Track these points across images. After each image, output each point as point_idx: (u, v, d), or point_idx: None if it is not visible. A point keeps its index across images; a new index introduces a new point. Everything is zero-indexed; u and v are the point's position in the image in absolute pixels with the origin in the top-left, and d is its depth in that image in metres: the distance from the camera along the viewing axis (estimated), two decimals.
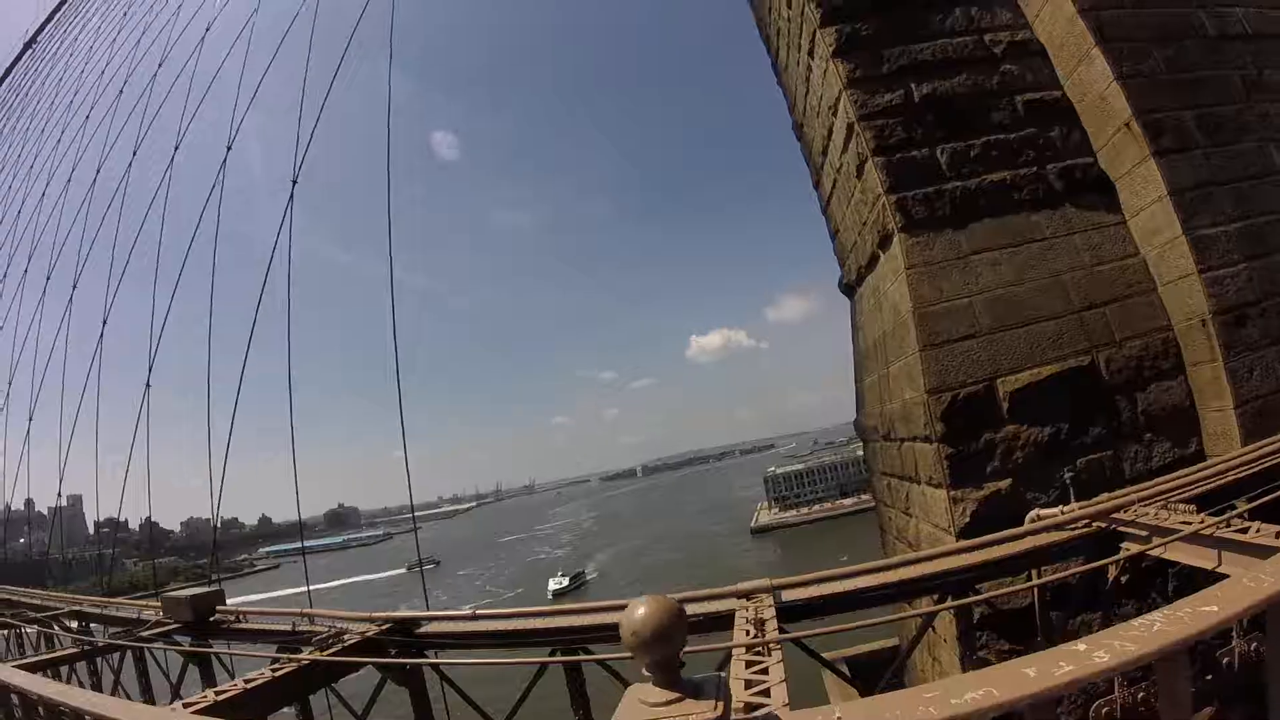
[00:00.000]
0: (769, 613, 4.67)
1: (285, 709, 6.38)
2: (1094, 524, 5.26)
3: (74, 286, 25.58)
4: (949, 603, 5.34)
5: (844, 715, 0.88)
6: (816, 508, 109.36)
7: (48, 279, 28.00)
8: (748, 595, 5.14)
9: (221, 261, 19.02)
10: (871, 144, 8.77)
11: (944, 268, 8.10)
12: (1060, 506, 5.67)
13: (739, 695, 3.43)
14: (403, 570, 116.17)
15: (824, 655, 5.82)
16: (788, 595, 5.16)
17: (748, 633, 4.37)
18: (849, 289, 11.38)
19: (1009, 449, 7.30)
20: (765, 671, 3.66)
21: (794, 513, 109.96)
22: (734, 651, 4.06)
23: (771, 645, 4.00)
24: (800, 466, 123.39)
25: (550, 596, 78.00)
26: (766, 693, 3.40)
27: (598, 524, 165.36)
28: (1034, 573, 5.64)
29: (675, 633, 1.01)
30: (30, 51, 42.00)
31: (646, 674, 1.01)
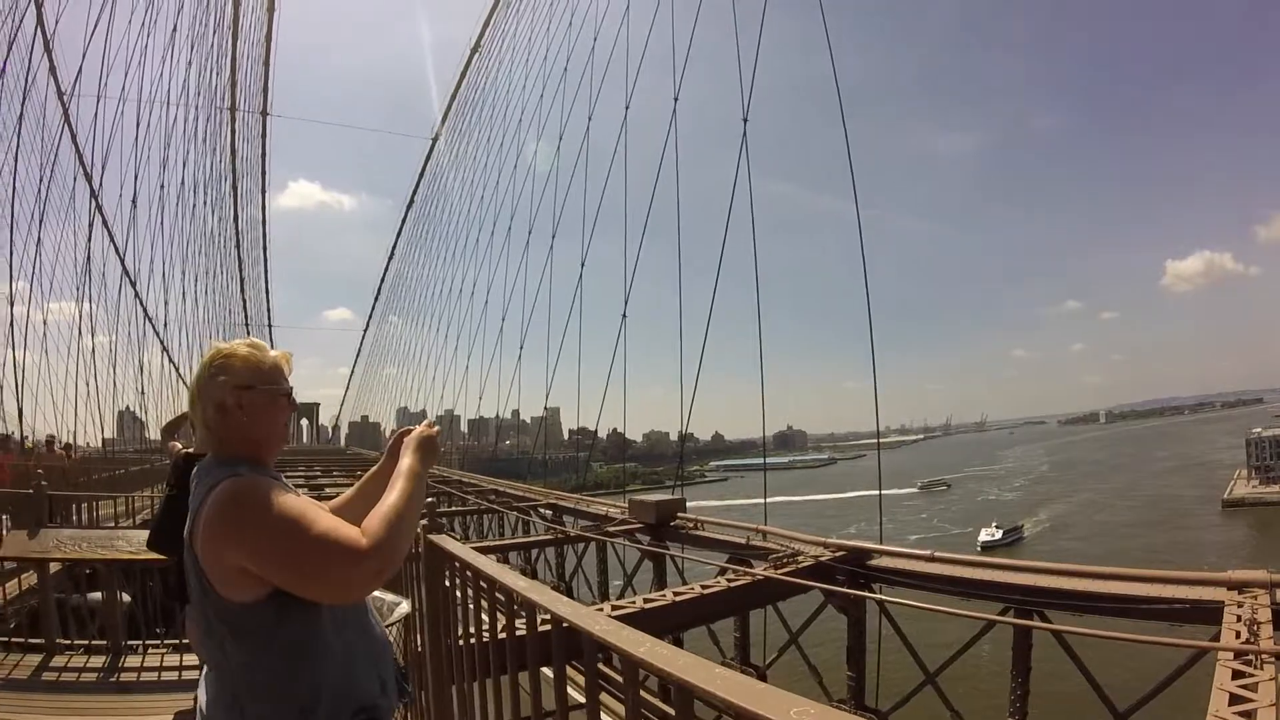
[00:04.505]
0: (1265, 614, 3.95)
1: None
2: None
3: (553, 236, 30.59)
4: None
5: None
6: None
7: (529, 233, 33.88)
8: (1240, 587, 4.38)
9: (684, 205, 20.78)
10: None
11: None
12: None
13: (1220, 710, 3.03)
14: (913, 489, 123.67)
15: None
16: None
17: (1238, 634, 3.77)
18: None
19: None
20: (1254, 688, 3.20)
21: (1277, 488, 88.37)
22: (1219, 655, 3.53)
23: (1266, 657, 3.39)
24: None
25: (979, 550, 72.64)
26: (1252, 715, 2.99)
27: (1052, 470, 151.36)
28: None
29: None
30: (476, 56, 50.14)
31: None
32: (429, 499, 4.18)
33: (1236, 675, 3.30)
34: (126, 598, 7.61)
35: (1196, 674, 3.93)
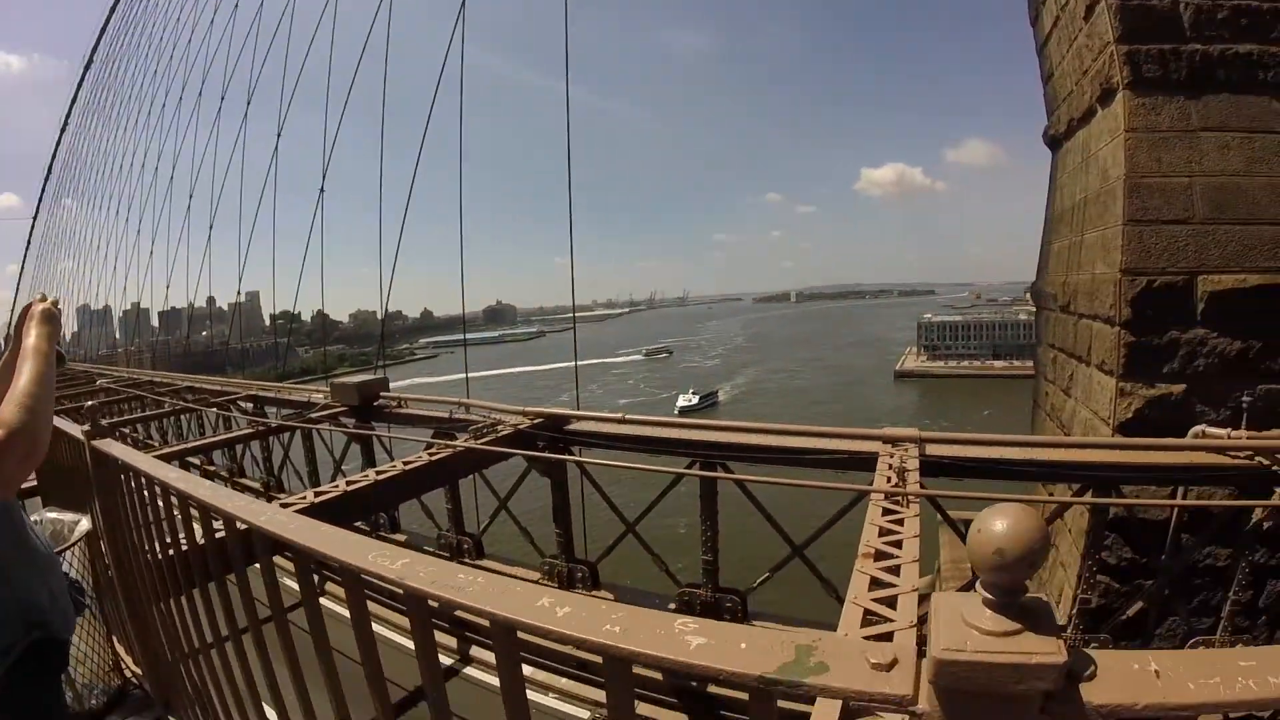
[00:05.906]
0: (913, 464, 4.66)
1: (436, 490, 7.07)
2: (1255, 458, 4.82)
3: (248, 103, 27.08)
4: (1090, 496, 5.16)
5: (1160, 668, 0.81)
6: (965, 364, 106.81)
7: (222, 99, 29.77)
8: (893, 441, 5.14)
9: (391, 76, 19.38)
10: None
11: (1167, 138, 7.15)
12: (1228, 430, 5.19)
13: (871, 541, 3.56)
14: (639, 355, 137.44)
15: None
16: (932, 450, 5.09)
17: (889, 479, 4.41)
18: (1054, 141, 10.26)
19: (1191, 354, 6.70)
20: (901, 523, 3.74)
21: (941, 364, 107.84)
22: (872, 496, 4.16)
23: (911, 498, 4.05)
24: (957, 318, 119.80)
25: (677, 413, 74.23)
26: (899, 544, 3.50)
27: (748, 342, 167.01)
28: (1180, 491, 5.38)
29: (1041, 557, 0.90)
30: None
31: (982, 592, 0.88)
32: (90, 403, 3.76)
33: (887, 513, 3.88)
34: None
35: (856, 513, 4.61)
